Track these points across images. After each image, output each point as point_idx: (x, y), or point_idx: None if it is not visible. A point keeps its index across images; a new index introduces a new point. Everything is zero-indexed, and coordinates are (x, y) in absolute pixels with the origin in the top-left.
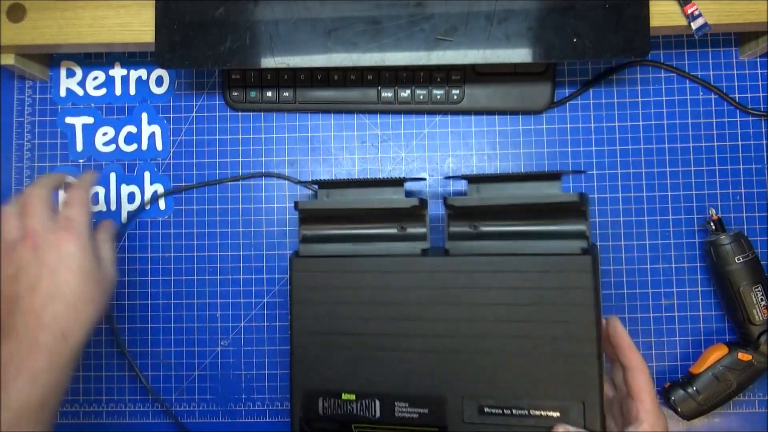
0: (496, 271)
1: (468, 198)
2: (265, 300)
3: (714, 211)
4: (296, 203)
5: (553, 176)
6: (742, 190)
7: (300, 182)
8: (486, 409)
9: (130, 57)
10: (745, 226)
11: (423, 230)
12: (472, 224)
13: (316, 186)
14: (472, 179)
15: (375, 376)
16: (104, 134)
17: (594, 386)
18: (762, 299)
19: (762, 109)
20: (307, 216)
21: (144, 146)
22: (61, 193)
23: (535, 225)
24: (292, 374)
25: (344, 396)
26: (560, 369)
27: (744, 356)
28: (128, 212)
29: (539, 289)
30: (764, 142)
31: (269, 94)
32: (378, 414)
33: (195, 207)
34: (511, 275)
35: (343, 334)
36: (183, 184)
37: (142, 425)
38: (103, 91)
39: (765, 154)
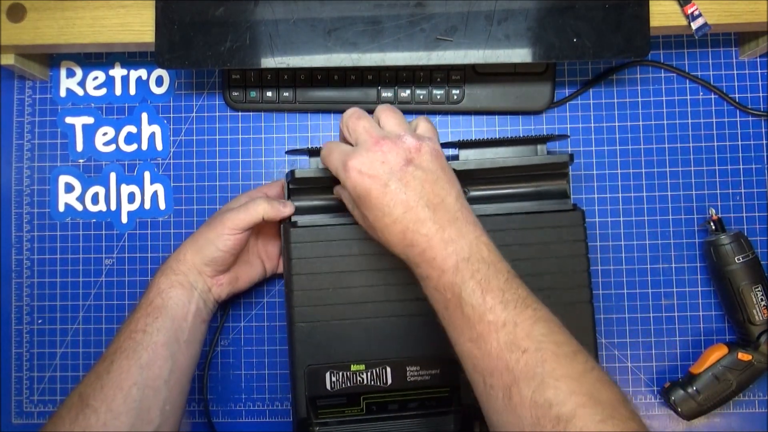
0: (494, 231)
1: (466, 162)
2: (265, 300)
3: (714, 211)
4: (293, 171)
5: (541, 140)
6: (742, 190)
7: (289, 151)
8: None
9: (130, 57)
10: (745, 226)
11: None
12: (462, 189)
13: (307, 155)
14: (463, 145)
15: (383, 343)
16: (104, 134)
17: (588, 330)
18: (762, 299)
19: (762, 109)
20: (301, 185)
21: (144, 146)
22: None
23: (521, 187)
24: (294, 352)
25: (353, 367)
26: (557, 316)
27: (744, 356)
28: (128, 212)
29: (535, 245)
30: (764, 142)
31: (269, 94)
32: (390, 381)
33: (195, 207)
34: (509, 233)
35: (347, 304)
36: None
37: None
38: (103, 91)
39: (765, 154)
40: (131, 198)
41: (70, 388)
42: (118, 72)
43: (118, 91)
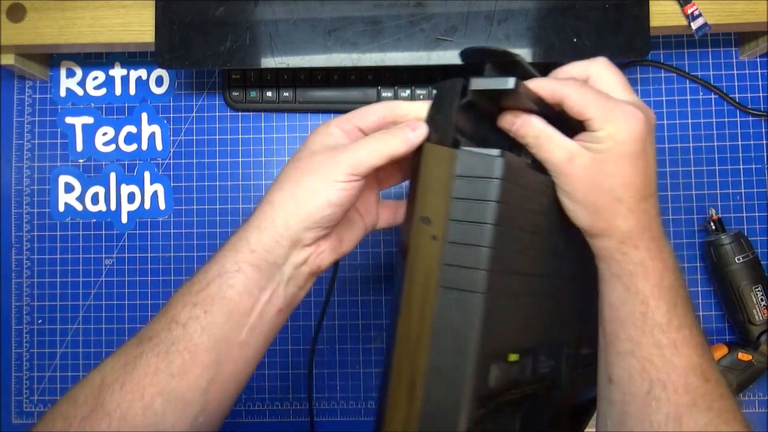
0: None
1: None
2: None
3: (714, 211)
4: (506, 78)
5: None
6: (742, 190)
7: (467, 50)
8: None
9: (130, 57)
10: (745, 226)
11: None
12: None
13: (486, 58)
14: None
15: (535, 327)
16: (104, 134)
17: None
18: (762, 299)
19: (762, 109)
20: (485, 102)
21: (144, 146)
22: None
23: None
24: (472, 330)
25: (510, 357)
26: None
27: (744, 356)
28: (128, 212)
29: None
30: (764, 142)
31: (269, 94)
32: (529, 373)
33: (195, 207)
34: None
35: (532, 275)
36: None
37: None
38: (103, 91)
39: (765, 154)
40: (131, 198)
41: (70, 388)
42: (118, 72)
43: (118, 91)
